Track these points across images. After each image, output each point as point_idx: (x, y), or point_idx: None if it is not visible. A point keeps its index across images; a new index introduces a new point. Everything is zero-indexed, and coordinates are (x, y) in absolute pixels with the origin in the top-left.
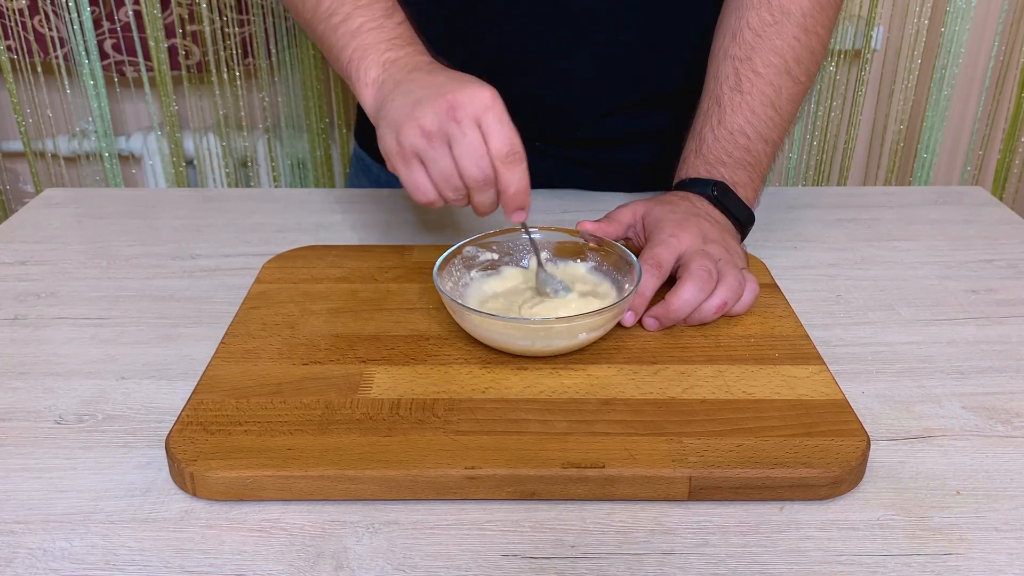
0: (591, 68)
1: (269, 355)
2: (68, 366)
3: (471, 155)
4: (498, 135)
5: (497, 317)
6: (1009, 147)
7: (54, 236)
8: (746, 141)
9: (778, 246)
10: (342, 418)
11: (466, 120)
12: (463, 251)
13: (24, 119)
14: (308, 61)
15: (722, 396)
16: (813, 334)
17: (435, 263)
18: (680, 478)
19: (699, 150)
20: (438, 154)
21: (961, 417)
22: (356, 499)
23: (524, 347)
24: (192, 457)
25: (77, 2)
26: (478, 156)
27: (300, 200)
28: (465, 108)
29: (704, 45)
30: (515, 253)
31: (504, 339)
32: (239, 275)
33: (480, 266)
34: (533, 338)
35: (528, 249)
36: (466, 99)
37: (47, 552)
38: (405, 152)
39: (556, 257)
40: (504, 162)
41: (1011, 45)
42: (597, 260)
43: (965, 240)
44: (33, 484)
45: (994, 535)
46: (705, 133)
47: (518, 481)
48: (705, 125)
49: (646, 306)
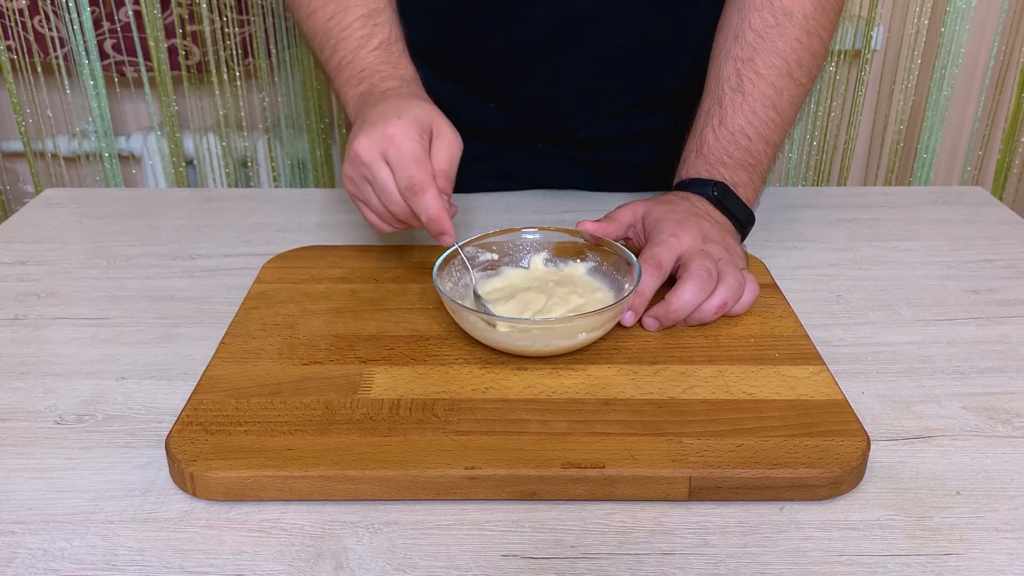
0: (591, 69)
1: (269, 355)
2: (68, 366)
3: (383, 193)
4: (398, 170)
5: (497, 317)
6: (1009, 147)
7: (54, 236)
8: (747, 142)
9: (778, 246)
10: (342, 418)
11: (373, 161)
12: (463, 251)
13: (24, 119)
14: (308, 61)
15: (722, 396)
16: (813, 334)
17: (435, 263)
18: (680, 478)
19: (700, 150)
20: (365, 195)
21: (961, 417)
22: (356, 499)
23: (524, 347)
24: (192, 457)
25: (77, 2)
26: (387, 193)
27: (300, 200)
28: (370, 150)
29: (704, 46)
30: (515, 253)
31: (504, 339)
32: (239, 275)
33: (480, 266)
34: (533, 338)
35: (528, 250)
36: (368, 141)
37: (47, 552)
38: (348, 196)
39: (556, 257)
40: (408, 195)
41: (1011, 45)
42: (597, 260)
43: (965, 240)
44: (33, 484)
45: (994, 535)
46: (706, 133)
47: (518, 481)
48: (706, 125)
49: (646, 306)
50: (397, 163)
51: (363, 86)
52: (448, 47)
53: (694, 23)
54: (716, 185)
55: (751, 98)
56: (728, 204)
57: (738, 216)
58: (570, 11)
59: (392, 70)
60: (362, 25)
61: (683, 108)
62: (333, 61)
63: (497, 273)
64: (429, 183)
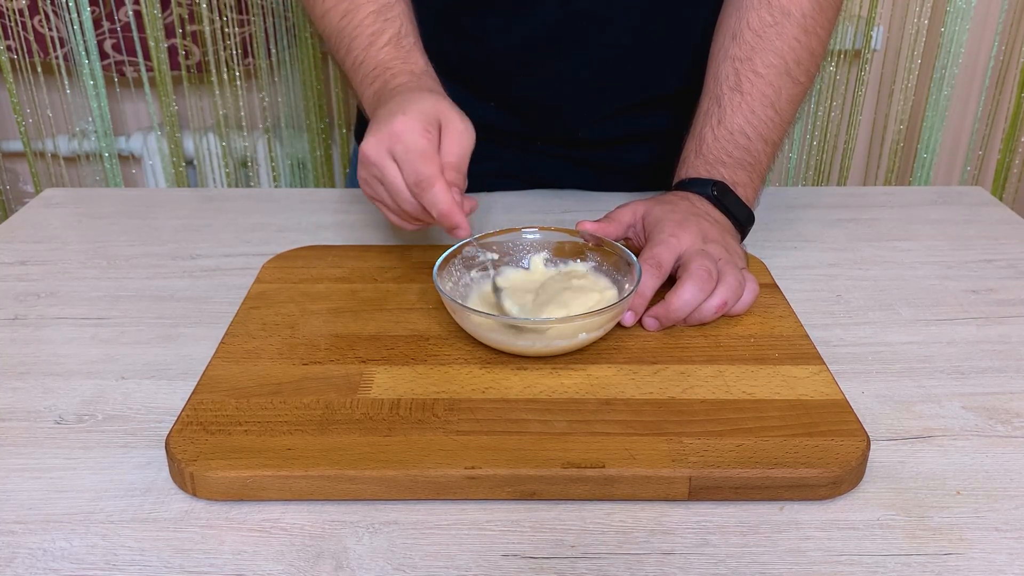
0: (591, 69)
1: (269, 355)
2: (68, 366)
3: (393, 192)
4: (405, 166)
5: (497, 317)
6: (1009, 147)
7: (54, 236)
8: (746, 141)
9: (778, 246)
10: (342, 418)
11: (381, 160)
12: (463, 251)
13: (24, 119)
14: (308, 61)
15: (722, 396)
16: (813, 334)
17: (435, 263)
18: (680, 478)
19: (699, 150)
20: (380, 195)
21: (961, 417)
22: (356, 499)
23: (524, 347)
24: (192, 457)
25: (77, 2)
26: (397, 192)
27: (300, 200)
28: (377, 149)
29: (704, 46)
30: (515, 253)
31: (504, 339)
32: (239, 275)
33: (480, 266)
34: (533, 338)
35: (529, 249)
36: (375, 140)
37: (47, 552)
38: (367, 198)
39: (556, 257)
40: (417, 192)
41: (1011, 45)
42: (597, 260)
43: (965, 240)
44: (33, 484)
45: (994, 535)
46: (705, 133)
47: (518, 481)
48: (705, 125)
49: (646, 306)
50: (404, 160)
51: (376, 84)
52: (448, 47)
53: (694, 23)
54: (715, 184)
55: (749, 97)
56: (727, 203)
57: (737, 215)
58: (570, 12)
59: (403, 65)
60: (373, 22)
61: (683, 108)
62: (348, 61)
63: (497, 273)
64: (436, 178)
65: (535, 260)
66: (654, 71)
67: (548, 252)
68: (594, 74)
